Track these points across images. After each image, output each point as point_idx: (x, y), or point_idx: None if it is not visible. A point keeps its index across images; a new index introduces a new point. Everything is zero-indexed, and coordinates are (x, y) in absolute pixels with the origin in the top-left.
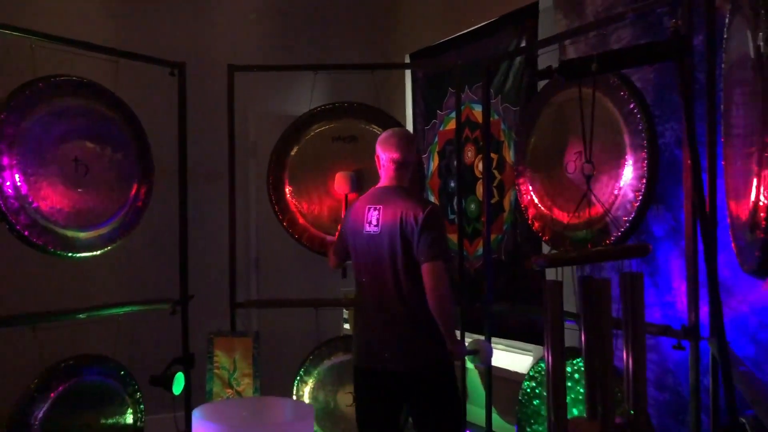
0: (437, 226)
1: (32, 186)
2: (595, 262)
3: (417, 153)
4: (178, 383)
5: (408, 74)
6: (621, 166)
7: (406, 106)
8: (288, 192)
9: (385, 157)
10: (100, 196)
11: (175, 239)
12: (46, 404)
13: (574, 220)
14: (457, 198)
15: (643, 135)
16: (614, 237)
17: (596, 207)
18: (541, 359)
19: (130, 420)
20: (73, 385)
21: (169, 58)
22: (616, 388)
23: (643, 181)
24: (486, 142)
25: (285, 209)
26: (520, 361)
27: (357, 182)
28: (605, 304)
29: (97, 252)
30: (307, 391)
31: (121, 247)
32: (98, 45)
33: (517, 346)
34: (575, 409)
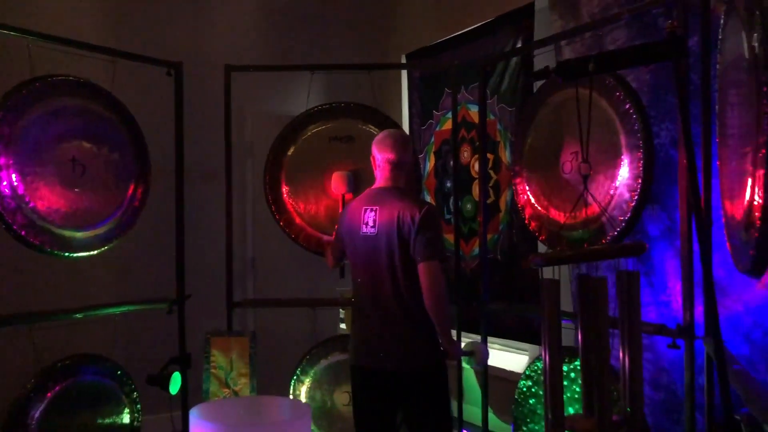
0: (434, 226)
1: (29, 186)
2: (592, 260)
3: (413, 153)
4: (175, 383)
5: (404, 74)
6: (617, 166)
7: (403, 107)
8: (285, 192)
9: (381, 158)
10: (97, 196)
11: (172, 239)
12: (43, 404)
13: (571, 220)
14: (453, 198)
15: (639, 135)
16: (610, 236)
17: (592, 207)
18: (537, 358)
19: (126, 420)
20: (70, 384)
21: (166, 58)
22: (612, 387)
23: (639, 181)
24: (482, 143)
25: (282, 209)
26: (515, 360)
27: (354, 182)
28: (602, 301)
29: (94, 252)
30: (303, 391)
31: (117, 247)
32: (95, 45)
33: (513, 346)
34: (571, 408)
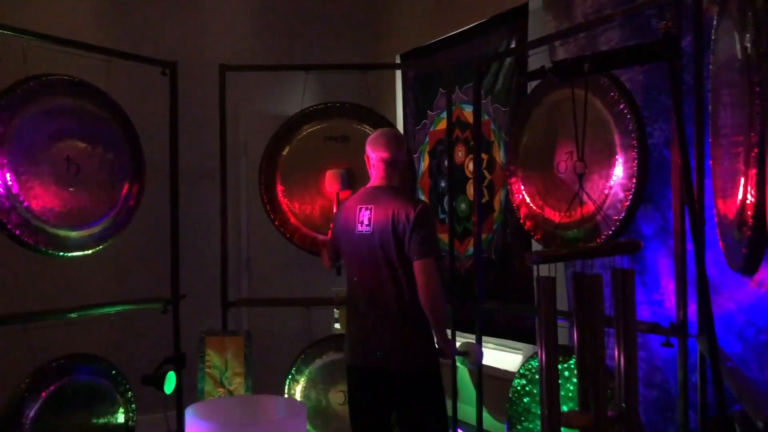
0: (428, 225)
1: (23, 185)
2: (588, 258)
3: (407, 152)
4: (170, 382)
5: (398, 74)
6: (611, 166)
7: (397, 106)
8: (280, 191)
9: (375, 157)
10: (91, 196)
11: (167, 238)
12: (38, 404)
13: (566, 219)
14: (448, 198)
15: (633, 135)
16: (605, 236)
17: (587, 206)
18: (532, 357)
19: (121, 419)
20: (65, 384)
21: (160, 58)
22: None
23: (633, 181)
24: (477, 142)
25: (277, 209)
26: (510, 359)
27: (348, 180)
28: (597, 298)
29: (89, 251)
30: (298, 390)
31: (112, 247)
32: (90, 44)
33: (507, 345)
34: (564, 406)
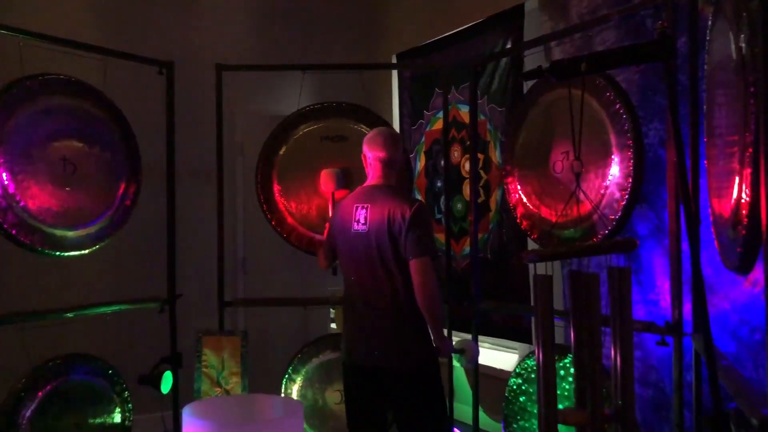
0: (424, 224)
1: (20, 185)
2: (584, 256)
3: (404, 152)
4: (166, 382)
5: (395, 74)
6: (607, 166)
7: (393, 106)
8: (277, 191)
9: (372, 156)
10: (88, 195)
11: (163, 238)
12: (34, 403)
13: (562, 218)
14: (444, 197)
15: (629, 135)
16: (601, 235)
17: (584, 205)
18: (527, 356)
19: (118, 419)
20: (61, 384)
21: (157, 57)
22: (603, 384)
23: (630, 180)
24: (473, 142)
25: (273, 208)
26: (505, 359)
27: (343, 179)
28: (594, 296)
29: (85, 251)
30: (295, 389)
31: (109, 246)
32: (86, 44)
33: (503, 344)
34: (560, 405)
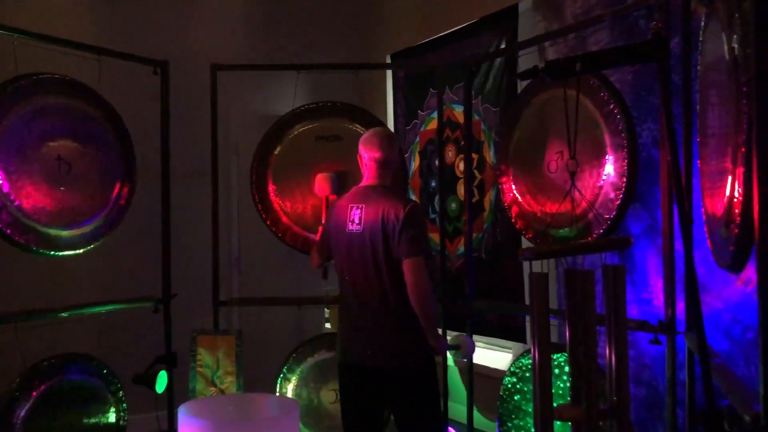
0: (418, 224)
1: (14, 184)
2: (580, 254)
3: (399, 152)
4: (161, 382)
5: (389, 74)
6: (601, 166)
7: (388, 106)
8: (271, 191)
9: (368, 156)
10: (83, 195)
11: (158, 238)
12: (29, 403)
13: (557, 218)
14: (438, 197)
15: (623, 135)
16: (596, 234)
17: (578, 205)
18: (522, 355)
19: (112, 419)
20: (56, 383)
21: (152, 57)
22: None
23: (624, 180)
24: (467, 142)
25: (268, 208)
26: (499, 358)
27: (338, 183)
28: (589, 293)
29: (80, 250)
30: (290, 389)
31: (103, 246)
32: (81, 43)
33: (497, 344)
34: (554, 403)
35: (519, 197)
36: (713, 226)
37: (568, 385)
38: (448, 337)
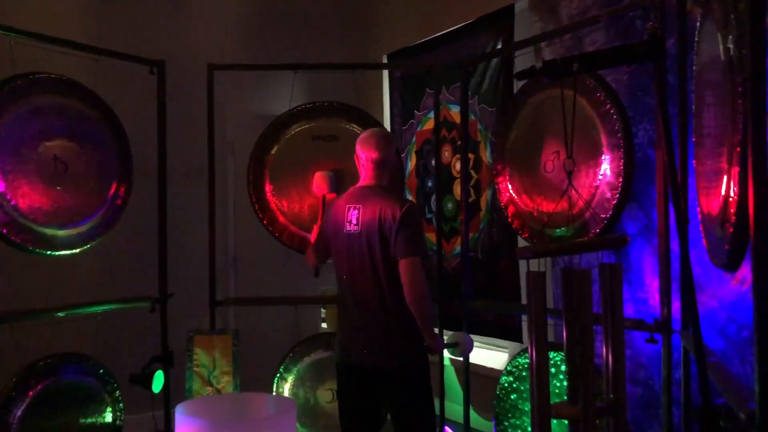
0: (414, 224)
1: (10, 184)
2: (577, 252)
3: (396, 152)
4: (158, 381)
5: (385, 74)
6: (598, 165)
7: (384, 106)
8: (268, 190)
9: (365, 157)
10: (79, 195)
11: (154, 237)
12: (25, 403)
13: (553, 217)
14: (435, 197)
15: (620, 135)
16: (592, 234)
17: (575, 205)
18: (518, 354)
19: (109, 419)
20: (52, 383)
21: (149, 56)
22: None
23: (620, 180)
24: (464, 142)
25: (265, 207)
26: (495, 357)
27: (336, 182)
28: (586, 291)
29: (76, 250)
30: (287, 388)
31: (100, 246)
32: (78, 42)
33: (493, 343)
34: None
35: (515, 197)
36: (709, 226)
37: (564, 384)
38: (447, 335)
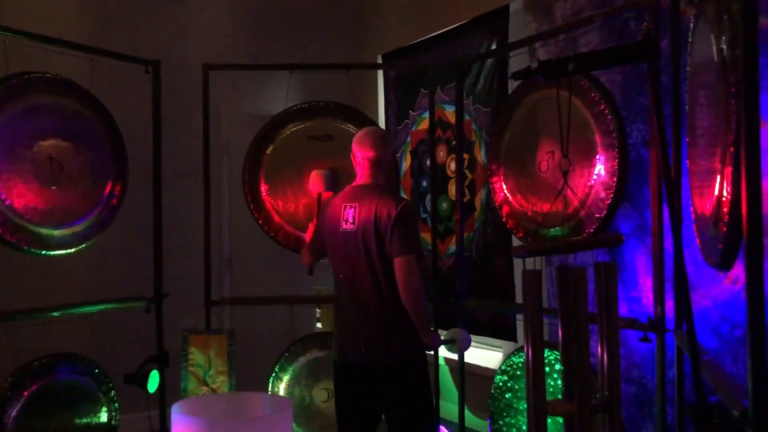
0: (410, 222)
1: (5, 183)
2: (573, 251)
3: (393, 151)
4: (153, 381)
5: (380, 74)
6: (592, 165)
7: (379, 106)
8: (264, 190)
9: (361, 156)
10: (74, 194)
11: (150, 237)
12: (20, 403)
13: (549, 217)
14: (430, 197)
15: (614, 135)
16: (587, 233)
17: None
18: (513, 353)
19: (104, 418)
20: (47, 383)
21: (144, 56)
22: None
23: (614, 180)
24: (459, 142)
25: (260, 207)
26: (490, 357)
27: (331, 181)
28: (581, 289)
29: (72, 250)
30: (282, 388)
31: (95, 245)
32: (73, 42)
33: (488, 343)
34: None
35: (510, 197)
36: (702, 225)
37: (558, 382)
38: (444, 332)
